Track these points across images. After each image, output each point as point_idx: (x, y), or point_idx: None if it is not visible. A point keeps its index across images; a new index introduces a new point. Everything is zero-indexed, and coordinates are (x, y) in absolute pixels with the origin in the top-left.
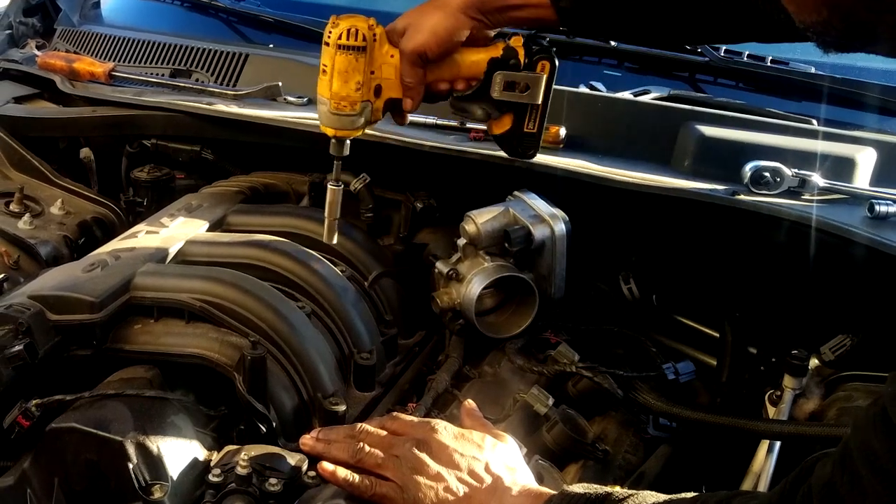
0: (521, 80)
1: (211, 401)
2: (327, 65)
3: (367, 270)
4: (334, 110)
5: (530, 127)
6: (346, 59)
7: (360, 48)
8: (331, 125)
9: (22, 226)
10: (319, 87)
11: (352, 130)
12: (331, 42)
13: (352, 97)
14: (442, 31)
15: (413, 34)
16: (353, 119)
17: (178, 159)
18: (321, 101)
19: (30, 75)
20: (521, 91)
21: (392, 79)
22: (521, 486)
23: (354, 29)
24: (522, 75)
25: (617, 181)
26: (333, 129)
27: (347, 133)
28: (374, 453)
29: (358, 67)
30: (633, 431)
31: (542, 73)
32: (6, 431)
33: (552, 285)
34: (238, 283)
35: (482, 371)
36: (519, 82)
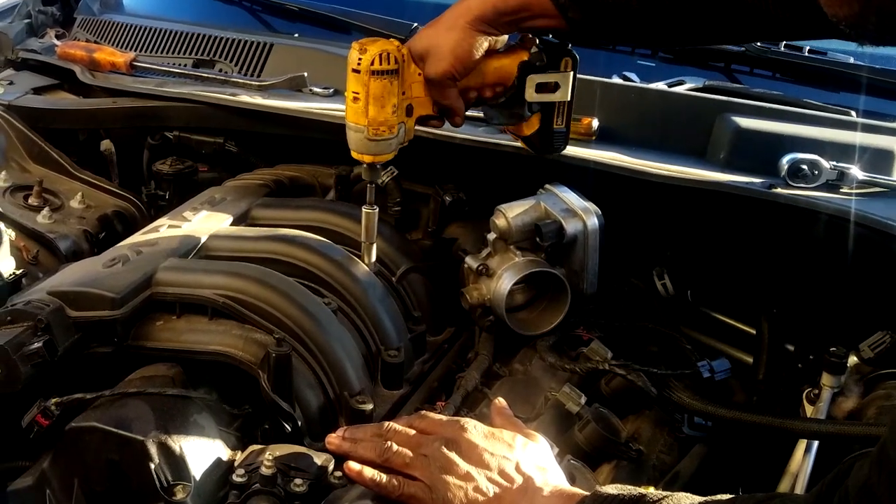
0: (552, 80)
1: (235, 399)
2: (359, 92)
3: (395, 265)
4: (373, 136)
5: (559, 123)
6: (380, 84)
7: (394, 71)
8: (368, 151)
9: (41, 220)
10: (351, 115)
11: (388, 153)
12: (362, 69)
13: (390, 121)
14: (462, 51)
15: (435, 61)
16: (390, 142)
17: (201, 151)
18: (355, 128)
19: (49, 65)
20: (552, 91)
21: (422, 97)
22: (552, 487)
23: (386, 53)
24: (552, 75)
25: (651, 174)
26: (372, 154)
27: (385, 157)
28: (402, 452)
29: (392, 91)
30: (668, 431)
31: (568, 71)
32: (25, 431)
33: (584, 281)
34: (263, 278)
35: (513, 369)
36: (549, 82)
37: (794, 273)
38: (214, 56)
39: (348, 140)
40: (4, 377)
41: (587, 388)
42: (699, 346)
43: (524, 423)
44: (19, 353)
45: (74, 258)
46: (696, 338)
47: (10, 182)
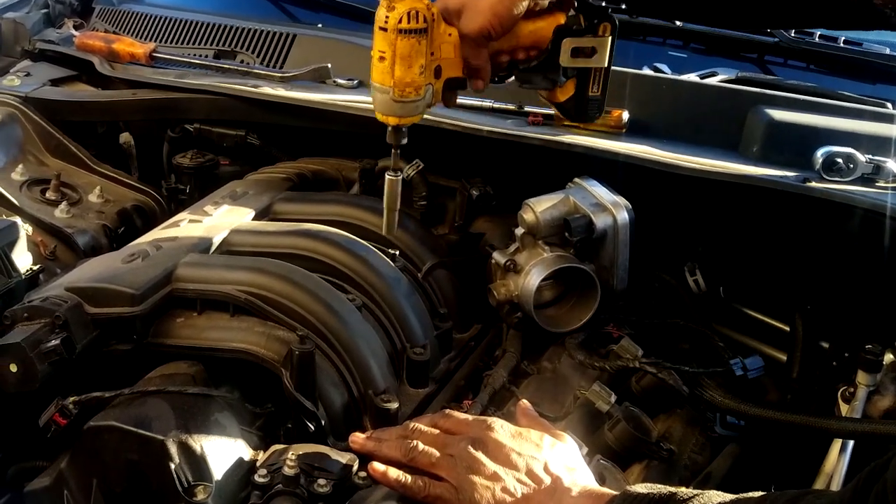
0: (588, 45)
1: (257, 398)
2: (385, 51)
3: (421, 261)
4: (398, 97)
5: (595, 91)
6: (408, 43)
7: (423, 30)
8: (394, 113)
9: (59, 214)
10: (376, 74)
11: (415, 116)
12: (389, 27)
13: (416, 82)
14: (502, 8)
15: (473, 15)
16: (417, 104)
17: (222, 144)
18: (381, 89)
19: (67, 56)
20: (588, 56)
21: (452, 57)
22: (581, 487)
23: (415, 11)
24: (589, 39)
25: (682, 167)
26: (397, 117)
27: (410, 119)
28: (428, 452)
29: (420, 50)
30: (700, 430)
31: (606, 36)
32: (42, 430)
33: (614, 277)
34: (285, 274)
35: (541, 367)
36: (585, 47)
37: (829, 269)
38: (236, 47)
39: (373, 101)
40: (21, 375)
41: (617, 386)
42: (731, 344)
43: (552, 422)
44: (36, 350)
45: (93, 253)
46: (728, 335)
47: (27, 176)
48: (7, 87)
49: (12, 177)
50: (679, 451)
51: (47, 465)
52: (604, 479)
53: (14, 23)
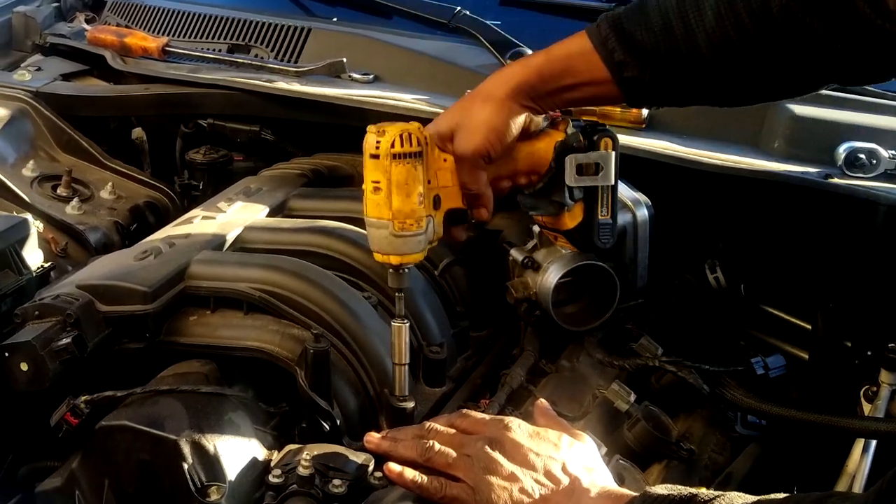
0: (592, 162)
1: (271, 397)
2: (380, 180)
3: (437, 258)
4: (399, 231)
5: (604, 213)
6: (404, 168)
7: (418, 154)
8: (396, 251)
9: (70, 211)
10: (371, 208)
11: (418, 253)
12: (381, 153)
13: (417, 212)
14: (498, 124)
15: (468, 135)
16: (419, 238)
17: (236, 140)
18: (378, 224)
19: (78, 51)
20: (594, 173)
21: (450, 186)
22: (599, 488)
23: (407, 133)
24: (593, 155)
25: (702, 163)
26: (399, 255)
27: (414, 258)
28: (445, 452)
29: (417, 177)
30: (720, 429)
31: (610, 151)
32: (53, 430)
33: (634, 274)
34: (300, 271)
35: (559, 365)
36: (590, 163)
37: (852, 266)
38: (250, 41)
39: (370, 240)
40: (32, 374)
41: (637, 385)
42: (753, 342)
43: (571, 421)
44: (47, 349)
45: (105, 251)
46: (749, 333)
47: (38, 172)
48: (18, 81)
49: (23, 173)
50: (699, 451)
51: (58, 466)
52: (623, 480)
53: (25, 16)
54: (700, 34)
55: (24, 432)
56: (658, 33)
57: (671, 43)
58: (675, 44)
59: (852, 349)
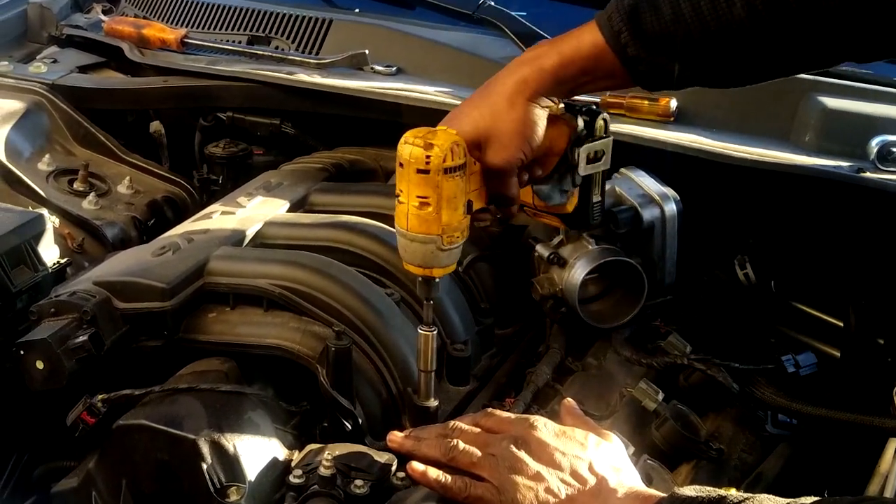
0: (598, 149)
1: (292, 396)
2: (429, 196)
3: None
4: (447, 245)
5: (596, 194)
6: (454, 183)
7: (464, 165)
8: (439, 264)
9: (87, 206)
10: (419, 224)
11: (454, 263)
12: (433, 168)
13: (462, 224)
14: (530, 132)
15: (499, 147)
16: (459, 249)
17: (255, 133)
18: (424, 240)
19: (95, 42)
20: (599, 160)
21: (477, 188)
22: (627, 488)
23: (456, 146)
24: (600, 143)
25: (732, 157)
26: (442, 268)
27: (451, 268)
28: (469, 451)
29: (463, 188)
30: (750, 429)
31: (609, 135)
32: (70, 429)
33: (662, 270)
34: (321, 268)
35: (586, 363)
36: (597, 151)
37: (884, 262)
38: (270, 32)
39: (408, 254)
40: (48, 373)
41: (665, 383)
42: (783, 340)
43: (598, 420)
44: (63, 346)
45: (122, 246)
46: (780, 330)
47: (54, 166)
48: (33, 74)
49: (39, 167)
50: (729, 451)
51: (75, 466)
52: (651, 480)
53: (41, 7)
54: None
55: (40, 432)
56: (668, 20)
57: (683, 29)
58: (686, 30)
59: (885, 347)
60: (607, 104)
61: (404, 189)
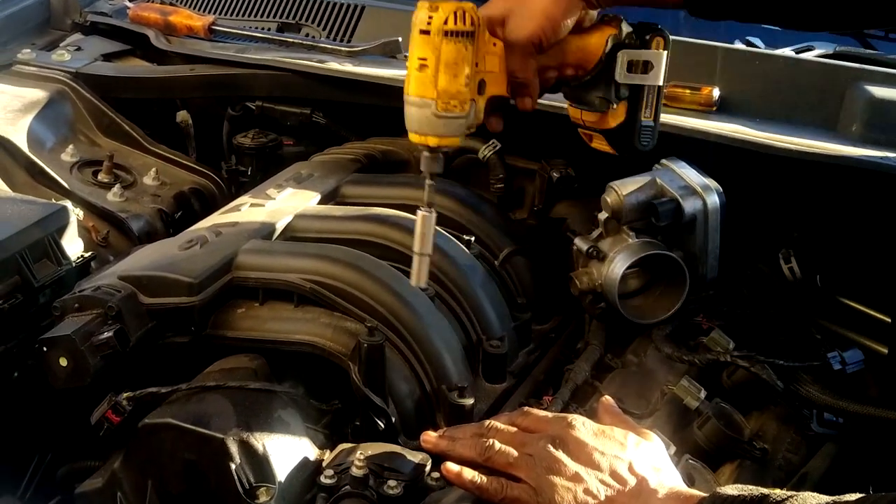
0: (643, 59)
1: (323, 394)
2: (427, 57)
3: (498, 248)
4: (442, 112)
5: (647, 115)
6: (454, 47)
7: (470, 34)
8: (434, 132)
9: (112, 198)
10: (414, 86)
11: (456, 136)
12: (432, 29)
13: (462, 94)
14: (556, 14)
15: (522, 21)
16: (461, 122)
17: (285, 123)
18: (420, 102)
19: (120, 30)
20: (644, 72)
21: (496, 72)
22: (668, 489)
23: (461, 11)
24: (645, 53)
25: (777, 148)
26: (437, 136)
27: (452, 141)
28: (505, 451)
29: (467, 57)
30: (795, 428)
31: (661, 50)
32: (94, 428)
33: (704, 264)
34: (353, 262)
35: (626, 360)
36: (641, 61)
37: None
38: (300, 19)
39: (407, 118)
40: (72, 370)
41: (707, 381)
42: (829, 336)
43: (638, 419)
44: (88, 343)
45: (148, 240)
46: (825, 326)
47: (78, 157)
48: (57, 62)
49: (62, 158)
50: (773, 451)
51: (99, 466)
52: (693, 481)
53: None
54: None
55: (63, 431)
56: None
57: None
58: None
59: None
60: None
61: (410, 51)
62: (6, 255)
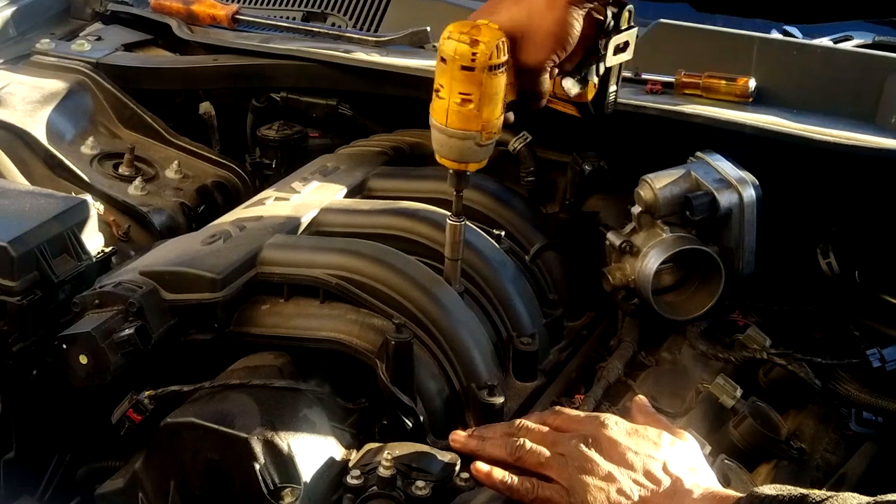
0: (624, 40)
1: (349, 392)
2: (471, 93)
3: (529, 242)
4: (485, 141)
5: (614, 83)
6: (498, 80)
7: (507, 63)
8: (475, 159)
9: (133, 191)
10: (459, 121)
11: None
12: (478, 65)
13: (500, 120)
14: (564, 34)
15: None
16: (495, 143)
17: (311, 115)
18: (463, 136)
19: (142, 19)
20: (623, 51)
21: (512, 82)
22: (703, 489)
23: (501, 43)
24: (626, 34)
25: (814, 140)
26: (478, 162)
27: (484, 162)
28: (537, 451)
29: (503, 85)
30: (833, 427)
31: (634, 26)
32: (115, 427)
33: (740, 259)
34: (380, 257)
35: (660, 358)
36: (622, 43)
37: None
38: (326, 8)
39: (444, 149)
40: (92, 367)
41: (743, 379)
42: (868, 333)
43: (672, 418)
44: (108, 340)
45: (170, 234)
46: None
47: (98, 149)
48: (76, 52)
49: (82, 150)
50: (811, 451)
51: (120, 466)
52: (728, 481)
53: None
54: None
55: (83, 430)
56: None
57: None
58: None
59: None
60: (682, 84)
61: (445, 84)
62: (25, 250)
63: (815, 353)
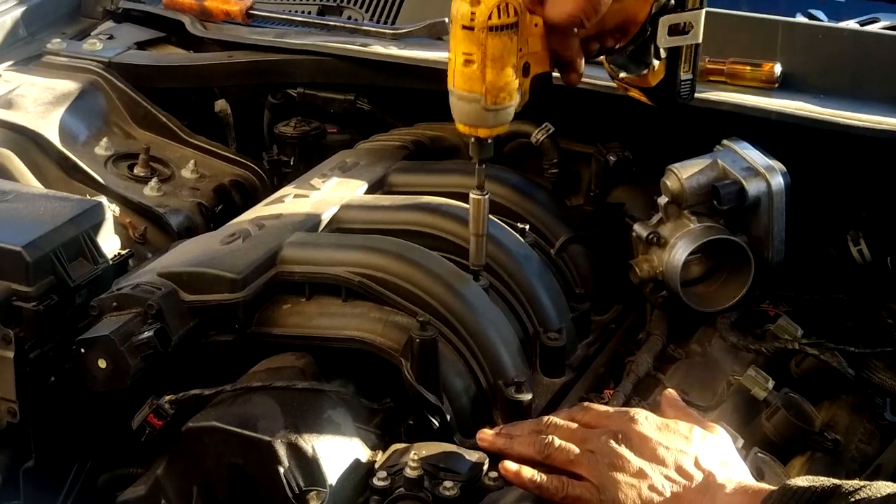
0: (684, 21)
1: (374, 392)
2: (473, 53)
3: (554, 236)
4: (492, 105)
5: (686, 70)
6: (500, 41)
7: (514, 25)
8: (485, 124)
9: (148, 192)
10: (462, 81)
11: (505, 124)
12: (476, 24)
13: (510, 85)
14: None
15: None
16: (509, 111)
17: (329, 110)
18: (468, 97)
19: (154, 16)
20: (684, 32)
21: (539, 51)
22: (735, 483)
23: (505, 4)
24: (687, 15)
25: (842, 125)
26: (489, 128)
27: (501, 129)
28: (566, 448)
29: (512, 48)
30: (868, 417)
31: (700, 8)
32: (136, 433)
33: (770, 248)
34: (403, 253)
35: (690, 350)
36: (682, 23)
37: None
38: (342, 1)
39: (455, 112)
40: (111, 371)
41: (775, 370)
42: None
43: (703, 411)
44: (127, 343)
45: (187, 235)
46: None
47: (112, 150)
48: (88, 51)
49: (96, 151)
50: (845, 442)
51: (142, 472)
52: (762, 474)
53: None
54: None
55: (104, 436)
56: None
57: None
58: None
59: None
60: (707, 71)
61: (452, 45)
62: (40, 255)
63: (848, 341)
